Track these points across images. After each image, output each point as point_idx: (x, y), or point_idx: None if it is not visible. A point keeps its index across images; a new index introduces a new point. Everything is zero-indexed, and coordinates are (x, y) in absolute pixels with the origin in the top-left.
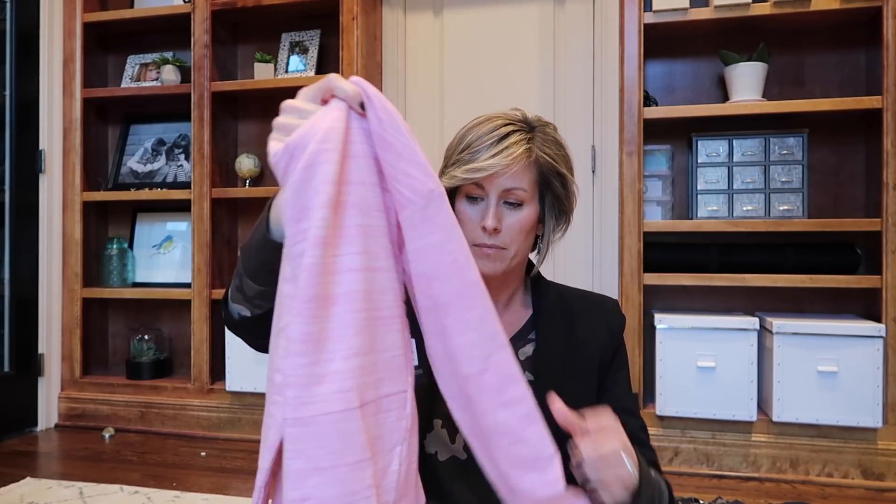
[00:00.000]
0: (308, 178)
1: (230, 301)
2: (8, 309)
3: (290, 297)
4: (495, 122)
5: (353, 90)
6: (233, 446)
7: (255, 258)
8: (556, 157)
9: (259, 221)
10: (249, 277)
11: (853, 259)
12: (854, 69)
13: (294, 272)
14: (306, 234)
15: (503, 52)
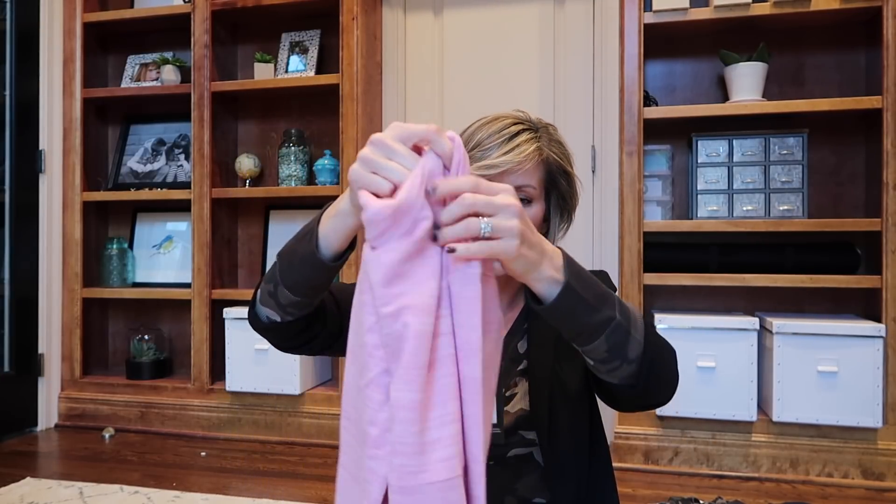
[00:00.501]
0: (418, 251)
1: (259, 303)
2: (8, 309)
3: (376, 348)
4: (504, 121)
5: (449, 148)
6: (233, 446)
7: (297, 272)
8: (562, 155)
9: (305, 234)
10: (287, 288)
11: (853, 259)
12: (854, 69)
13: (389, 332)
14: (404, 299)
15: (503, 52)
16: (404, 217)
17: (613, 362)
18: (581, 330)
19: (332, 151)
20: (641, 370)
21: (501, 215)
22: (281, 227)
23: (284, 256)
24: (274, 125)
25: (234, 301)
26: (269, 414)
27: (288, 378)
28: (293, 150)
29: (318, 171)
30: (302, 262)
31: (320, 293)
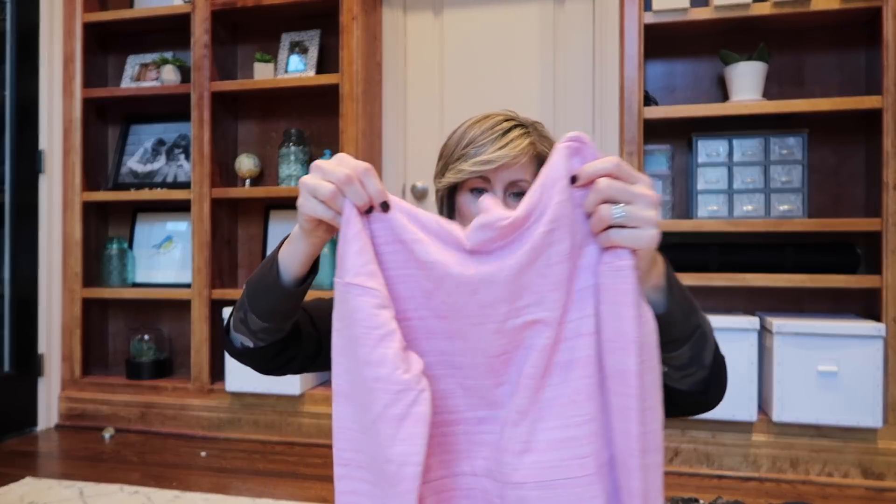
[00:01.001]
0: (531, 262)
1: (232, 330)
2: (8, 309)
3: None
4: (495, 118)
5: (364, 199)
6: (233, 446)
7: (263, 299)
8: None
9: (267, 262)
10: (255, 315)
11: (853, 259)
12: (854, 69)
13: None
14: (526, 312)
15: (503, 52)
16: (517, 230)
17: (691, 368)
18: (674, 337)
19: (332, 151)
20: (711, 376)
21: (638, 204)
22: (281, 227)
23: (251, 284)
24: (274, 125)
25: (233, 301)
26: (269, 414)
27: (288, 378)
28: (293, 149)
29: None
30: (266, 289)
31: (289, 318)
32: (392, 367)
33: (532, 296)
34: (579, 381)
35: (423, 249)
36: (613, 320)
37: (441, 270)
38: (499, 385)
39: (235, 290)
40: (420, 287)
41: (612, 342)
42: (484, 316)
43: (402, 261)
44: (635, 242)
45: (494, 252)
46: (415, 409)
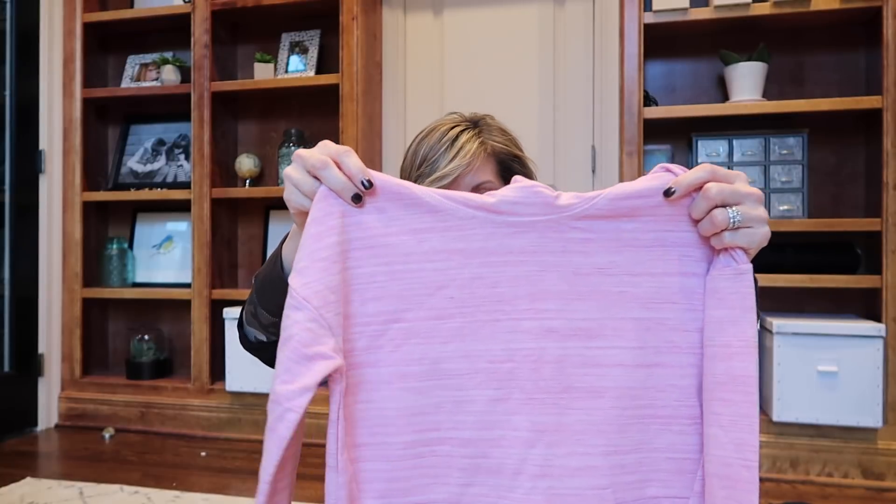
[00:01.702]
0: (560, 261)
1: (245, 324)
2: (8, 309)
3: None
4: (441, 129)
5: (340, 181)
6: (233, 446)
7: (269, 294)
8: (507, 142)
9: (272, 260)
10: (265, 310)
11: (853, 259)
12: (854, 69)
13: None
14: (544, 316)
15: (503, 52)
16: (554, 211)
17: None
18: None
19: None
20: None
21: (747, 203)
22: (281, 227)
23: (259, 279)
24: (274, 125)
25: (234, 301)
26: None
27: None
28: (293, 150)
29: None
30: (272, 284)
31: None
32: (276, 375)
33: (554, 301)
34: (610, 411)
35: (439, 237)
36: (732, 324)
37: (458, 259)
38: (494, 400)
39: (235, 290)
40: (424, 282)
41: (730, 347)
42: (500, 312)
43: (403, 254)
44: (751, 241)
45: (522, 228)
46: (277, 424)
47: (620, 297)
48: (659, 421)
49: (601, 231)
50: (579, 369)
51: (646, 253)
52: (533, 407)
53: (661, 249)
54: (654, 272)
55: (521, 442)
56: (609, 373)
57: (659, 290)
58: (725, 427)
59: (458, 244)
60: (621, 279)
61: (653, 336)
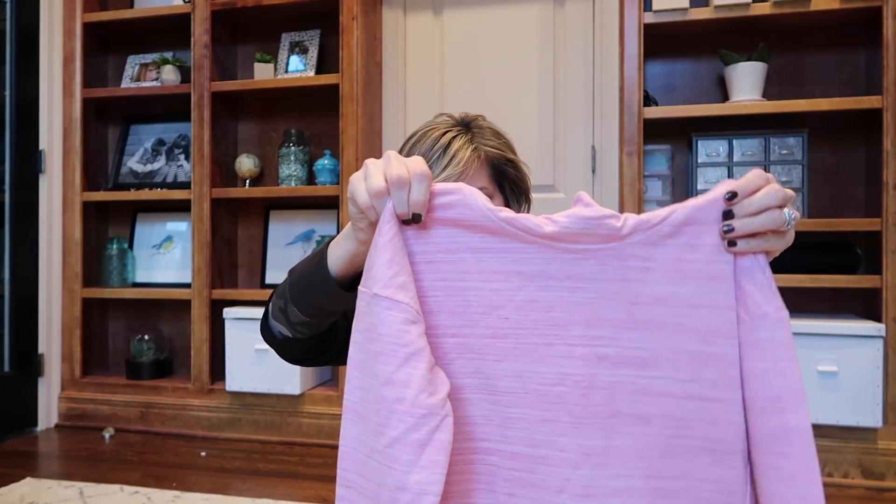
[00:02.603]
0: (619, 290)
1: (271, 317)
2: (8, 309)
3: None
4: (433, 134)
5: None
6: (233, 446)
7: (306, 291)
8: (500, 146)
9: (316, 255)
10: (296, 307)
11: (853, 259)
12: (854, 69)
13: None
14: (598, 343)
15: (503, 52)
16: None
17: None
18: None
19: (332, 151)
20: None
21: (791, 205)
22: (281, 227)
23: (295, 275)
24: (274, 125)
25: (234, 301)
26: (269, 414)
27: (288, 378)
28: (293, 150)
29: (318, 171)
30: (310, 283)
31: (331, 317)
32: (417, 390)
33: (609, 328)
34: (655, 437)
35: (498, 259)
36: (778, 377)
37: (516, 281)
38: (543, 421)
39: (235, 289)
40: (480, 301)
41: (780, 401)
42: (553, 336)
43: (460, 272)
44: (787, 244)
45: (582, 254)
46: (438, 435)
47: (678, 329)
48: (711, 454)
49: (662, 261)
50: (629, 396)
51: (707, 285)
52: (580, 431)
53: (724, 281)
54: (716, 305)
55: (566, 463)
56: (658, 401)
57: (721, 324)
58: (787, 482)
59: (516, 266)
60: (680, 311)
61: (710, 370)
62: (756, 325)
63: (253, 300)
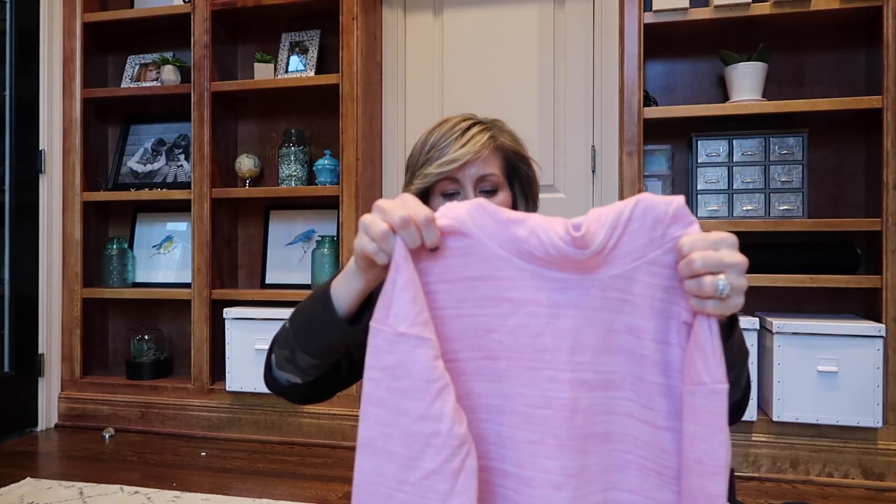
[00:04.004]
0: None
1: (276, 368)
2: (8, 309)
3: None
4: (453, 120)
5: (416, 238)
6: (233, 446)
7: (314, 335)
8: (516, 141)
9: (318, 298)
10: (305, 352)
11: (853, 259)
12: (854, 69)
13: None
14: (580, 369)
15: (503, 52)
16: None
17: (731, 391)
18: (727, 364)
19: (332, 151)
20: (743, 398)
21: (732, 273)
22: (281, 227)
23: (299, 322)
24: (274, 125)
25: (234, 301)
26: (269, 414)
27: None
28: (293, 150)
29: (318, 171)
30: (319, 326)
31: (337, 354)
32: (451, 422)
33: (589, 354)
34: (613, 453)
35: (492, 286)
36: (704, 442)
37: (507, 307)
38: (528, 442)
39: (235, 290)
40: (475, 326)
41: (703, 465)
42: (541, 361)
43: (456, 300)
44: (727, 311)
45: (568, 284)
46: (468, 461)
47: (642, 359)
48: (659, 476)
49: (637, 295)
50: (600, 417)
51: (668, 324)
52: (564, 453)
53: (680, 323)
54: (672, 343)
55: (549, 485)
56: (620, 420)
57: (676, 361)
58: None
59: (508, 293)
60: (646, 343)
61: (665, 401)
62: (692, 391)
63: (253, 300)
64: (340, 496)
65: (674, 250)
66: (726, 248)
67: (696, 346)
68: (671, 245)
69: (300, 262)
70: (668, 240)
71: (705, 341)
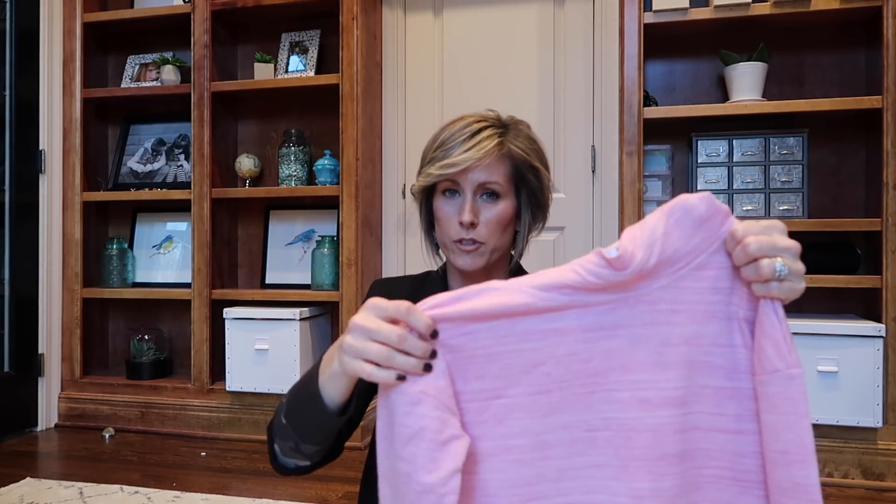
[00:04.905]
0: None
1: (282, 456)
2: (8, 309)
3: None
4: (468, 119)
5: (425, 323)
6: (233, 446)
7: (316, 430)
8: (529, 150)
9: (309, 398)
10: (308, 442)
11: (853, 259)
12: (854, 69)
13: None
14: (636, 387)
15: (503, 52)
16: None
17: None
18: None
19: (332, 151)
20: None
21: (787, 256)
22: (281, 227)
23: (294, 418)
24: (274, 125)
25: (234, 301)
26: (269, 414)
27: (288, 378)
28: (293, 150)
29: (318, 171)
30: (314, 421)
31: (339, 428)
32: (415, 467)
33: (646, 372)
34: (689, 472)
35: (533, 320)
36: (787, 431)
37: (554, 338)
38: (595, 466)
39: (235, 290)
40: (520, 361)
41: (789, 454)
42: (595, 384)
43: (499, 336)
44: (790, 295)
45: (613, 304)
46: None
47: (704, 366)
48: (740, 485)
49: (688, 303)
50: (672, 436)
51: (727, 325)
52: (630, 473)
53: (740, 322)
54: (735, 344)
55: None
56: (690, 436)
57: (740, 361)
58: None
59: (552, 324)
60: (706, 349)
61: (733, 404)
62: (766, 380)
63: (253, 300)
64: (340, 496)
65: (719, 251)
66: (778, 232)
67: (764, 334)
68: (717, 246)
69: (300, 262)
70: (711, 241)
71: (772, 327)
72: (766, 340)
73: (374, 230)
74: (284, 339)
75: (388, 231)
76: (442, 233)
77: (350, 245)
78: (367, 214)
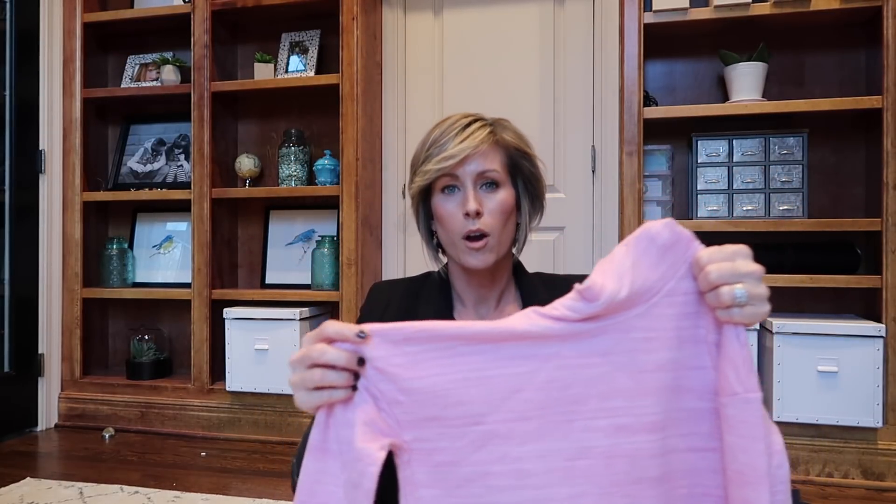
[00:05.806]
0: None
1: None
2: (8, 309)
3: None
4: (455, 117)
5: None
6: (233, 446)
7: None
8: (518, 138)
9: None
10: None
11: (853, 259)
12: (854, 69)
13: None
14: (615, 414)
15: (503, 52)
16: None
17: None
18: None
19: (331, 151)
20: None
21: (749, 282)
22: (281, 227)
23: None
24: (274, 125)
25: (234, 301)
26: (269, 414)
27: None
28: (293, 150)
29: (318, 171)
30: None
31: None
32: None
33: (623, 398)
34: (666, 494)
35: (518, 345)
36: (742, 453)
37: (533, 364)
38: (571, 497)
39: (235, 290)
40: (499, 387)
41: (744, 475)
42: (573, 413)
43: (479, 363)
44: (753, 319)
45: (593, 333)
46: (363, 479)
47: (679, 390)
48: (713, 500)
49: (661, 330)
50: (649, 461)
51: (697, 348)
52: (609, 500)
53: (708, 346)
54: (705, 366)
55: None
56: (667, 459)
57: (710, 383)
58: None
59: (532, 350)
60: (679, 373)
61: (705, 424)
62: (726, 402)
63: (253, 300)
64: None
65: (686, 276)
66: (741, 258)
67: (726, 358)
68: (684, 271)
69: (300, 262)
70: (678, 266)
71: (734, 352)
72: (726, 364)
73: (374, 230)
74: (284, 339)
75: (388, 231)
76: (446, 231)
77: (350, 245)
78: (367, 214)
